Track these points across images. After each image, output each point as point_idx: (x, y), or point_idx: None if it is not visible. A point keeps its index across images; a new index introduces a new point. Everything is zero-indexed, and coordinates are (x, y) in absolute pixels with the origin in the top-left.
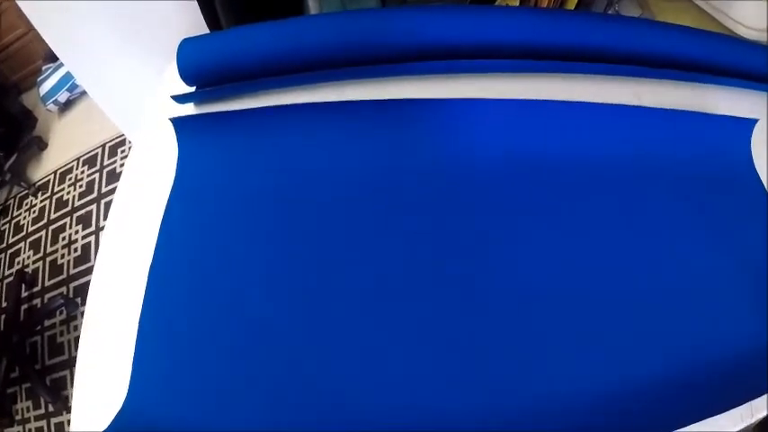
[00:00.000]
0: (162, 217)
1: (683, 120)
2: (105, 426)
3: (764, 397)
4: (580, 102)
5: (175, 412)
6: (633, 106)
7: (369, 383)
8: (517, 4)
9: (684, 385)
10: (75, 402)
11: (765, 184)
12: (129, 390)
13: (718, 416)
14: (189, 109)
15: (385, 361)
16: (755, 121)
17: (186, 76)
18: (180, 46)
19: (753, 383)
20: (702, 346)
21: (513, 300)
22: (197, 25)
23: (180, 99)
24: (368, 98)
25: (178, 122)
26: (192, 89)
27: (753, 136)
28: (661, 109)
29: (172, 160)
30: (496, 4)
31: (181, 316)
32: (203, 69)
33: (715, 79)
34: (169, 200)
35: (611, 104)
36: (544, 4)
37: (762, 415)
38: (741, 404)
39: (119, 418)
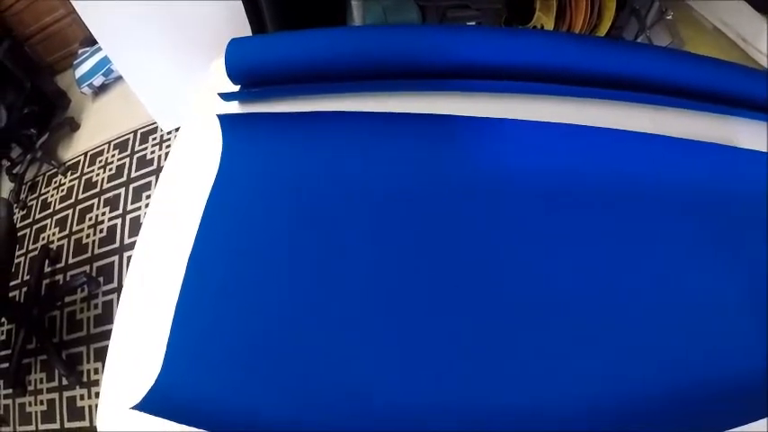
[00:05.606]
0: (204, 207)
1: (700, 150)
2: (137, 401)
3: (763, 421)
4: (604, 128)
5: (206, 392)
6: (652, 134)
7: (385, 379)
8: (551, 27)
9: (682, 402)
10: (106, 378)
11: None
12: (162, 367)
13: None
14: (233, 106)
15: (399, 359)
16: None
17: (233, 74)
18: (228, 45)
19: (752, 406)
20: (704, 365)
21: (524, 309)
22: (237, 24)
23: (226, 97)
24: (407, 110)
25: (224, 119)
26: (236, 87)
27: None
28: (679, 138)
29: (214, 152)
30: (530, 25)
31: (215, 301)
32: (249, 70)
33: (734, 111)
34: (212, 191)
35: (632, 131)
36: (577, 29)
37: None
38: (739, 426)
39: (151, 395)
